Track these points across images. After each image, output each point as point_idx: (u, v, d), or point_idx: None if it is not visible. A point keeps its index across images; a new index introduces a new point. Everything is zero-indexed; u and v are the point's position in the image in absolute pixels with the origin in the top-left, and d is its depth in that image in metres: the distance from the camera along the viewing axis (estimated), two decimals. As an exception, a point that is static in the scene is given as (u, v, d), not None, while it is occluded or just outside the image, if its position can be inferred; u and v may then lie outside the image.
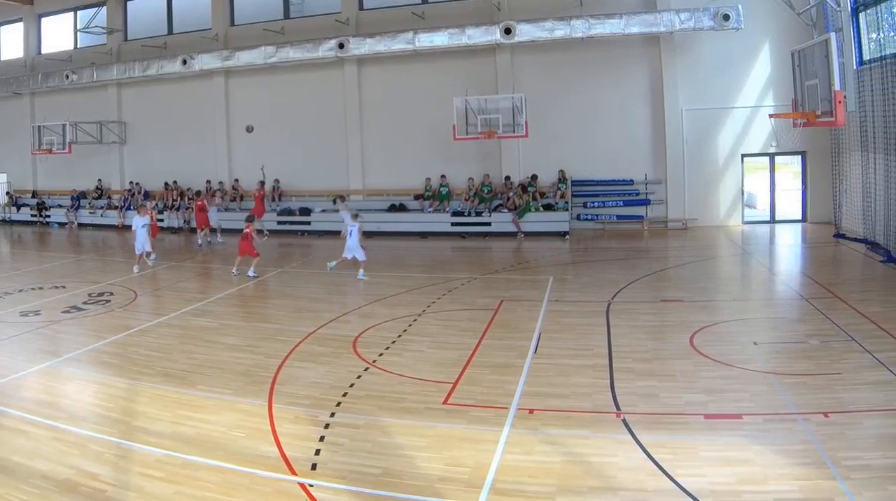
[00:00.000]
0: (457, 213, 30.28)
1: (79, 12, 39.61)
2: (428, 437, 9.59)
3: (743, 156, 29.40)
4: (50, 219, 38.87)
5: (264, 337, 14.98)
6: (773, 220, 29.99)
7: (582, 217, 30.43)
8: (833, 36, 19.73)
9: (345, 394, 11.23)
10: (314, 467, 8.76)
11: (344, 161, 33.72)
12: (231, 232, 29.60)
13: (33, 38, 41.24)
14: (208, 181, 35.35)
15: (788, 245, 26.43)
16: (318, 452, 9.15)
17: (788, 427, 9.35)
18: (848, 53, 21.60)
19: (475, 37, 29.07)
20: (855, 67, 23.14)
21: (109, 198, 37.97)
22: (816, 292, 17.34)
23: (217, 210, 30.62)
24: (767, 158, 29.64)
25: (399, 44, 30.13)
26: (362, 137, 33.46)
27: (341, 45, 30.64)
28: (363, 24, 32.76)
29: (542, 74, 30.71)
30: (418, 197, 31.92)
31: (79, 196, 38.37)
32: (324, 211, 31.90)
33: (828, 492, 7.59)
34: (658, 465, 8.40)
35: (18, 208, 40.44)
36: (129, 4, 38.44)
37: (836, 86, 19.24)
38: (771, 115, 25.49)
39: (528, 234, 29.02)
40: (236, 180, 35.11)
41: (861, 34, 23.47)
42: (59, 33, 40.74)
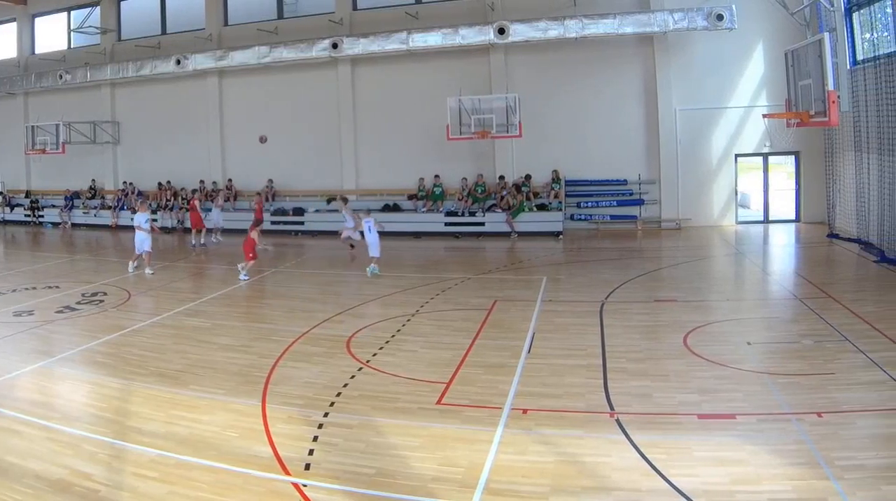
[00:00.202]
0: (450, 213, 30.26)
1: (72, 12, 39.47)
2: (421, 437, 9.58)
3: (736, 156, 29.42)
4: (43, 219, 38.80)
5: (258, 337, 14.98)
6: (766, 220, 30.03)
7: (575, 217, 30.43)
8: (826, 36, 19.76)
9: (338, 394, 11.22)
10: (308, 467, 8.76)
11: (338, 161, 33.68)
12: (226, 232, 29.60)
13: (27, 38, 41.14)
14: (202, 181, 35.27)
15: (782, 245, 26.46)
16: (311, 452, 9.14)
17: (782, 427, 9.36)
18: (841, 53, 21.59)
19: (469, 37, 29.07)
20: (848, 67, 23.14)
21: (103, 198, 37.92)
22: (810, 292, 17.36)
23: (221, 209, 30.42)
24: (761, 158, 29.68)
25: (393, 44, 30.10)
26: (356, 137, 33.41)
27: (335, 45, 30.61)
28: (357, 23, 32.73)
29: (536, 74, 30.70)
30: (412, 197, 31.88)
31: (72, 196, 38.29)
32: (317, 211, 31.88)
33: (821, 492, 7.59)
34: (652, 465, 8.40)
35: (12, 208, 40.30)
36: (122, 4, 38.36)
37: (830, 86, 19.26)
38: (764, 115, 25.50)
39: (522, 234, 29.00)
40: (230, 180, 35.05)
41: (854, 34, 23.49)
42: (52, 33, 40.63)
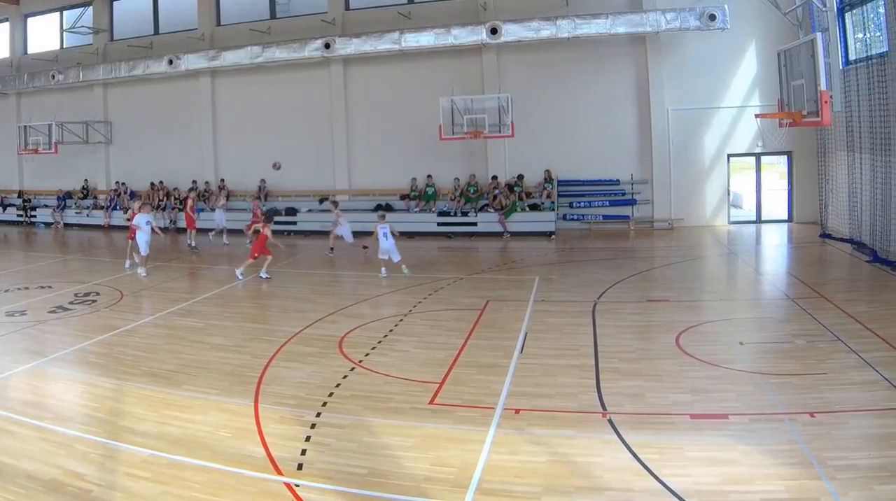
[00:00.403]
0: (443, 213, 30.25)
1: (65, 12, 39.31)
2: (414, 437, 9.58)
3: (729, 156, 29.46)
4: (36, 219, 38.75)
5: (251, 337, 14.95)
6: (759, 220, 30.08)
7: (568, 217, 30.44)
8: (819, 36, 19.75)
9: (331, 394, 11.21)
10: (300, 467, 8.75)
11: (330, 161, 33.66)
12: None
13: (19, 38, 41.04)
14: (194, 181, 35.26)
15: (774, 245, 26.52)
16: (304, 452, 9.14)
17: (775, 427, 9.37)
18: (834, 53, 21.57)
19: (461, 37, 29.01)
20: (841, 67, 23.13)
21: (95, 198, 37.85)
22: (802, 292, 17.38)
23: (224, 210, 30.23)
24: (753, 158, 29.72)
25: (385, 44, 30.03)
26: (348, 137, 33.39)
27: (327, 45, 30.54)
28: (349, 24, 32.71)
29: (529, 74, 30.69)
30: (404, 197, 31.88)
31: (65, 196, 38.24)
32: (310, 211, 31.86)
33: (814, 492, 7.59)
34: (644, 465, 8.39)
35: (4, 208, 40.23)
36: (115, 4, 38.26)
37: (822, 86, 19.25)
38: (757, 115, 25.50)
39: (514, 234, 29.02)
40: (222, 180, 34.99)
41: (847, 34, 23.53)
42: (45, 33, 40.51)
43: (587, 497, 7.84)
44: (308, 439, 9.54)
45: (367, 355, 13.34)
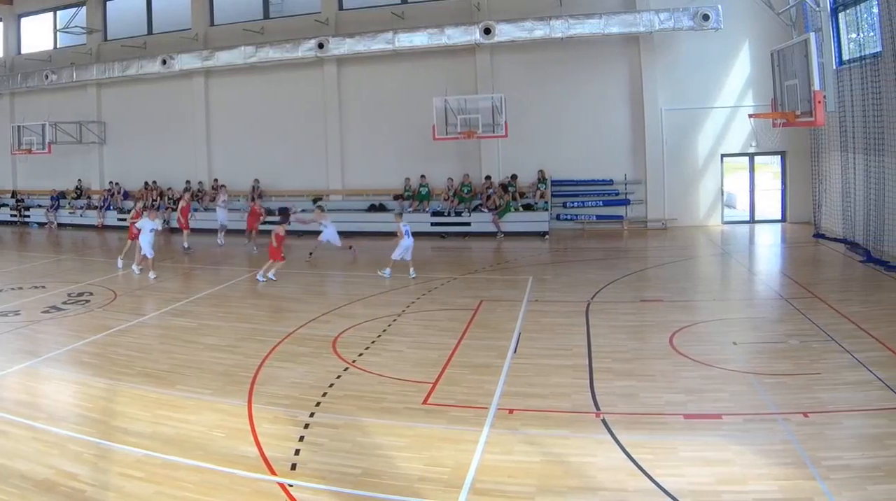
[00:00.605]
0: (436, 213, 30.21)
1: (58, 12, 39.31)
2: (408, 437, 9.58)
3: (722, 156, 29.47)
4: (29, 219, 38.66)
5: (244, 337, 14.93)
6: (752, 220, 30.11)
7: (561, 217, 30.42)
8: (812, 36, 19.76)
9: (324, 394, 11.21)
10: (294, 467, 8.76)
11: (323, 161, 33.60)
12: (211, 232, 29.49)
13: (13, 38, 40.91)
14: (188, 181, 35.17)
15: (768, 245, 26.53)
16: (297, 452, 9.15)
17: (768, 427, 9.37)
18: (827, 53, 21.62)
19: (455, 37, 29.00)
20: (834, 67, 23.18)
21: (89, 198, 37.73)
22: (796, 292, 17.39)
23: (225, 208, 29.99)
24: (747, 158, 29.76)
25: (379, 44, 30.02)
26: (342, 137, 33.35)
27: (321, 45, 30.51)
28: (343, 23, 32.67)
29: (522, 74, 30.68)
30: (398, 197, 31.82)
31: (58, 196, 38.10)
32: (304, 211, 31.76)
33: (807, 492, 7.60)
34: (638, 465, 8.40)
35: (-3, 208, 40.14)
36: (108, 4, 38.17)
37: (816, 86, 19.25)
38: (750, 115, 25.45)
39: (508, 234, 28.99)
40: (216, 180, 34.92)
41: (840, 34, 23.55)
42: (38, 33, 40.44)
43: (581, 497, 7.84)
44: (301, 439, 9.54)
45: (360, 355, 13.33)
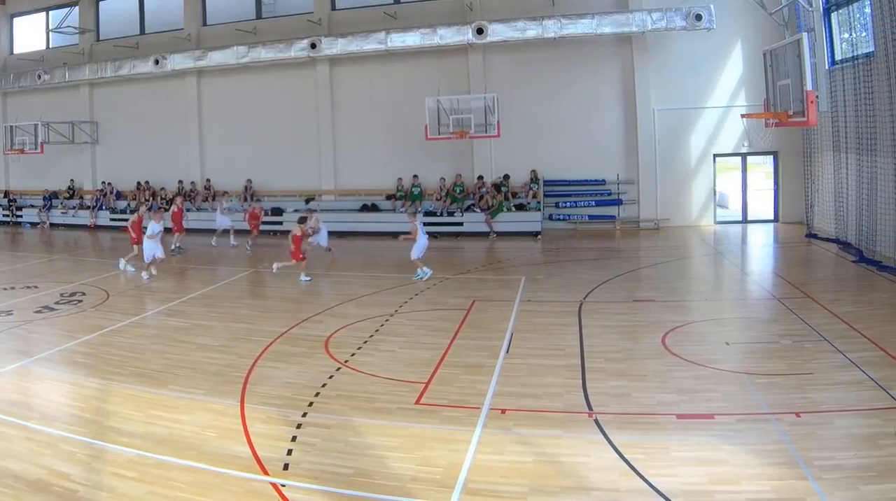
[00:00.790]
0: (429, 213, 30.15)
1: (51, 12, 39.18)
2: (400, 437, 9.57)
3: (715, 156, 29.49)
4: (22, 219, 38.61)
5: (237, 337, 14.90)
6: (745, 220, 30.14)
7: (554, 217, 30.44)
8: (805, 36, 19.78)
9: (317, 394, 11.19)
10: (286, 467, 8.75)
11: (316, 161, 33.57)
12: (203, 232, 29.44)
13: (5, 38, 40.80)
14: (180, 181, 35.16)
15: (760, 245, 26.56)
16: (290, 452, 9.14)
17: (761, 427, 9.37)
18: (820, 53, 21.65)
19: (447, 37, 28.98)
20: (827, 67, 23.23)
21: (81, 198, 37.69)
22: (788, 292, 17.40)
23: (229, 210, 29.75)
24: (739, 158, 29.80)
25: (371, 44, 29.97)
26: (334, 137, 33.32)
27: (313, 45, 30.47)
28: (335, 24, 32.65)
29: (515, 74, 30.68)
30: (390, 197, 31.83)
31: (51, 196, 38.07)
32: (296, 211, 31.74)
33: (800, 492, 7.59)
34: (630, 465, 8.38)
35: (-10, 208, 40.04)
36: (101, 4, 38.11)
37: (808, 86, 19.27)
38: (743, 115, 25.49)
39: (501, 234, 28.99)
40: (208, 180, 34.89)
41: (833, 34, 23.59)
42: (31, 33, 40.39)
43: (573, 497, 7.83)
44: (294, 439, 9.53)
45: (353, 355, 13.30)
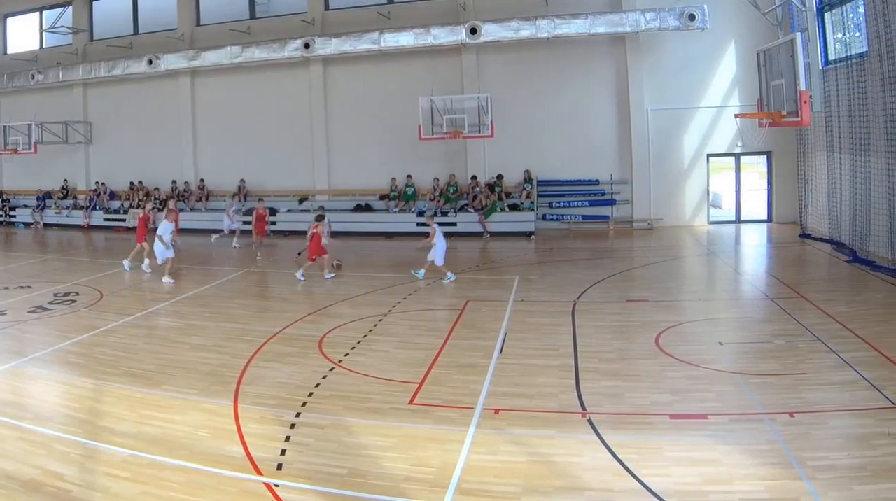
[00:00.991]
0: (422, 213, 30.09)
1: (44, 12, 39.13)
2: (393, 437, 9.57)
3: (708, 156, 29.51)
4: (15, 219, 38.52)
5: (230, 337, 14.88)
6: (738, 220, 30.14)
7: (548, 217, 30.42)
8: (799, 36, 19.79)
9: (310, 394, 11.19)
10: (280, 467, 8.74)
11: (310, 161, 33.55)
12: (196, 232, 29.39)
13: (-1, 38, 40.80)
14: (174, 181, 35.14)
15: (754, 245, 26.59)
16: (283, 452, 9.14)
17: (754, 427, 9.37)
18: (813, 53, 21.71)
19: (441, 37, 28.96)
20: (820, 67, 23.28)
21: (75, 198, 37.58)
22: (782, 292, 17.42)
23: (235, 211, 29.23)
24: (733, 158, 29.79)
25: (365, 44, 29.96)
26: (328, 137, 33.28)
27: (307, 45, 30.44)
28: (329, 24, 32.60)
29: (508, 74, 30.66)
30: (384, 197, 31.82)
31: (44, 196, 37.98)
32: (290, 211, 31.75)
33: (794, 492, 7.59)
34: (624, 465, 8.38)
35: (-16, 208, 39.95)
36: (94, 4, 38.00)
37: (802, 86, 19.28)
38: (736, 115, 25.51)
39: (494, 234, 28.98)
40: (202, 180, 34.85)
41: (827, 34, 23.61)
42: (24, 33, 40.28)
43: (567, 497, 7.82)
44: (288, 439, 9.53)
45: (346, 355, 13.30)
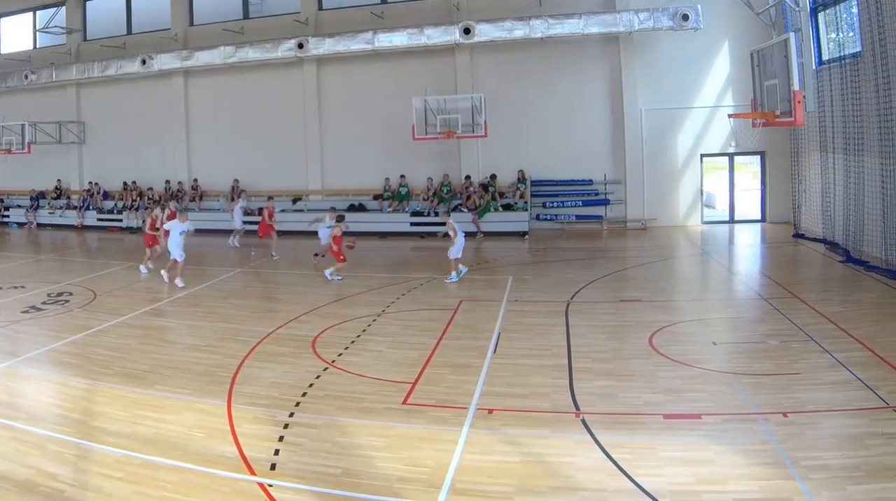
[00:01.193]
0: (416, 213, 30.18)
1: (38, 12, 39.01)
2: (387, 437, 9.56)
3: (702, 156, 29.53)
4: (9, 219, 38.47)
5: (223, 337, 14.88)
6: (732, 220, 30.18)
7: (541, 217, 30.44)
8: (792, 36, 19.82)
9: (304, 394, 11.18)
10: (273, 467, 8.75)
11: (303, 161, 33.51)
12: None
13: (-7, 38, 40.67)
14: (167, 181, 35.06)
15: (748, 245, 26.61)
16: (277, 452, 9.14)
17: (748, 427, 9.37)
18: (807, 53, 21.65)
19: (434, 37, 28.99)
20: (814, 67, 23.26)
21: (68, 198, 37.58)
22: (776, 292, 17.43)
23: (241, 210, 29.05)
24: (726, 158, 29.81)
25: (358, 44, 29.95)
26: (322, 137, 33.26)
27: (301, 45, 30.42)
28: (322, 24, 32.58)
29: (502, 74, 30.67)
30: (378, 197, 31.81)
31: (38, 196, 37.94)
32: (283, 210, 31.69)
33: (787, 492, 7.59)
34: (617, 465, 8.38)
35: (-23, 208, 39.85)
36: (88, 4, 37.92)
37: (796, 86, 19.30)
38: (730, 115, 25.54)
39: (488, 234, 28.96)
40: (195, 180, 34.80)
41: (820, 34, 23.66)
42: (18, 33, 40.17)
43: (560, 497, 7.82)
44: (281, 439, 9.53)
45: (340, 355, 13.29)
